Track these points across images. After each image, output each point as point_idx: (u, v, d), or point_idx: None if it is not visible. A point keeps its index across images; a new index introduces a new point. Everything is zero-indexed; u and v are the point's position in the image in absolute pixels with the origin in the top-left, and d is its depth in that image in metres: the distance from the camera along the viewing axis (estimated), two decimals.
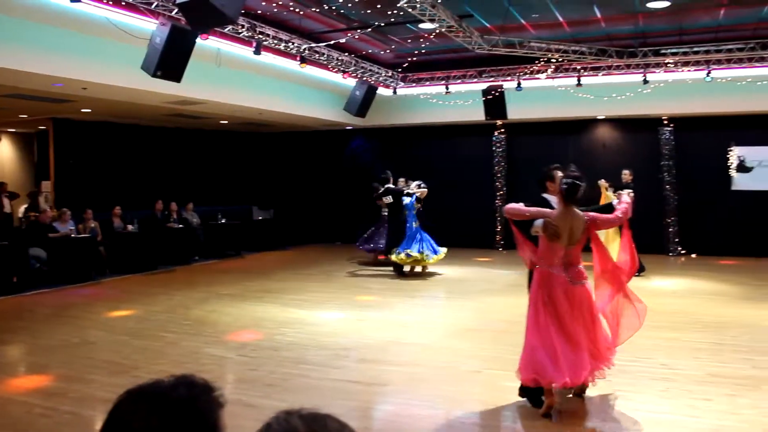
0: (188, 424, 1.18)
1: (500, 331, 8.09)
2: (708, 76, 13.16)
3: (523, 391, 5.34)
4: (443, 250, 12.88)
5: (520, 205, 5.27)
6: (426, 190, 13.18)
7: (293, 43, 11.63)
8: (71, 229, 12.50)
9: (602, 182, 12.12)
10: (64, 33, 9.53)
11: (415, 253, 12.52)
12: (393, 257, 12.74)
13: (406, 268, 13.03)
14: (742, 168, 15.09)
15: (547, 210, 5.19)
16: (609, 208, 5.61)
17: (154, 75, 8.62)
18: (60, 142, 15.29)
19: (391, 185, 13.64)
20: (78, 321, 8.94)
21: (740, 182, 15.08)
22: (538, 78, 14.65)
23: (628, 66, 13.59)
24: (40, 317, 9.33)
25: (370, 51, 13.75)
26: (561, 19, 11.54)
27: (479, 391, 5.80)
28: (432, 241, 12.91)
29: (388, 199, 13.44)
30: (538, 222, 5.12)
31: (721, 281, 11.67)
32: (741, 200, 14.96)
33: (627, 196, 5.55)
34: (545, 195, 5.67)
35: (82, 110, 13.89)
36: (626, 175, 12.30)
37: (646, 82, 13.64)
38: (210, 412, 1.22)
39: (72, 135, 15.42)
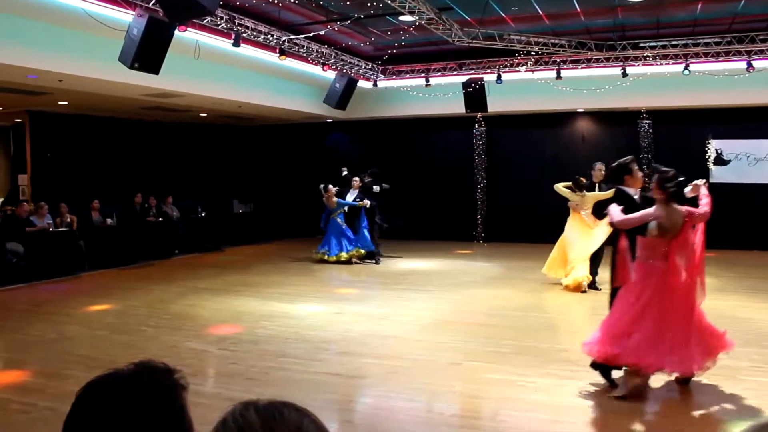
0: (155, 410, 1.17)
1: (480, 324, 8.12)
2: (686, 69, 13.26)
3: (597, 366, 5.54)
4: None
5: (620, 213, 5.33)
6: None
7: (272, 36, 11.56)
8: (49, 223, 12.36)
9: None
10: (40, 24, 9.40)
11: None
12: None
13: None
14: (720, 161, 15.25)
15: (652, 210, 5.23)
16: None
17: (131, 67, 8.55)
18: (36, 135, 15.10)
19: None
20: (56, 316, 8.85)
21: (718, 175, 15.22)
22: (518, 71, 14.68)
23: (607, 59, 13.67)
24: (17, 312, 9.22)
25: (349, 43, 13.71)
26: (540, 12, 11.57)
27: (459, 384, 5.82)
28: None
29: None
30: (653, 224, 5.20)
31: None
32: (718, 193, 14.89)
33: (704, 187, 5.53)
34: (623, 188, 5.73)
35: (59, 103, 13.73)
36: (600, 171, 10.76)
37: (625, 75, 13.73)
38: (175, 396, 1.20)
39: (49, 128, 15.24)
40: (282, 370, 6.25)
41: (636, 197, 5.62)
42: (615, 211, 5.39)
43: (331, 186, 13.91)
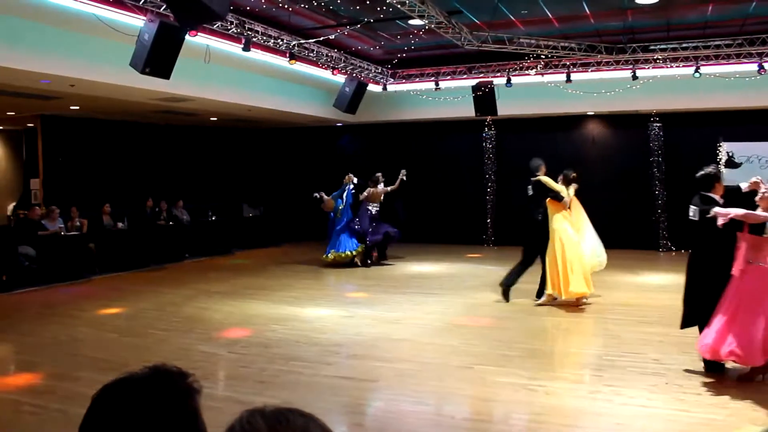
0: (169, 413, 1.18)
1: (490, 327, 8.11)
2: (696, 72, 13.20)
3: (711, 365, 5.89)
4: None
5: (739, 209, 5.68)
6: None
7: (282, 40, 11.59)
8: (60, 227, 12.44)
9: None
10: (52, 29, 9.46)
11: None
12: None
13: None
14: (731, 164, 15.15)
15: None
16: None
17: (142, 72, 8.58)
18: (48, 140, 15.19)
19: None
20: (67, 319, 8.90)
21: (729, 178, 15.06)
22: (528, 74, 14.66)
23: (617, 62, 13.63)
24: (29, 315, 9.28)
25: (359, 47, 13.73)
26: (550, 15, 11.55)
27: (469, 387, 5.81)
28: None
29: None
30: None
31: None
32: (730, 196, 14.99)
33: (762, 183, 5.82)
34: (710, 194, 6.12)
35: (71, 107, 13.80)
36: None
37: (635, 78, 13.67)
38: (189, 399, 1.22)
39: (61, 132, 15.33)
40: (292, 374, 6.26)
41: (721, 203, 6.01)
42: (731, 209, 5.70)
43: (322, 193, 14.22)
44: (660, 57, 13.36)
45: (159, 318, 8.92)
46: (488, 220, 17.27)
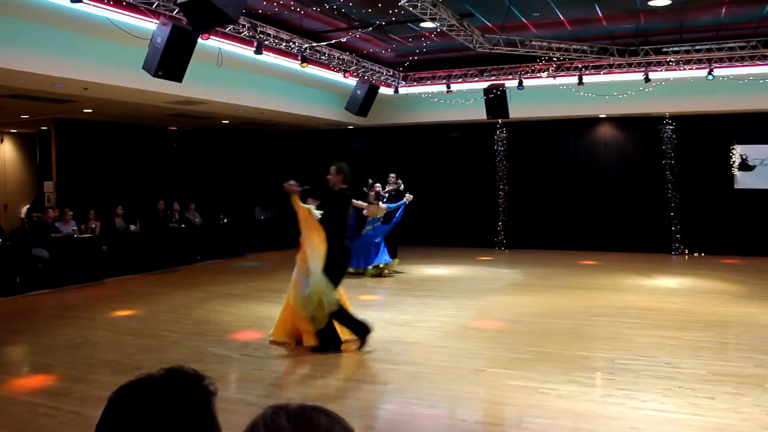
0: (185, 415, 1.18)
1: (502, 330, 8.10)
2: (710, 74, 13.13)
3: None
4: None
5: None
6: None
7: (294, 43, 11.63)
8: (74, 229, 12.51)
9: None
10: (65, 33, 9.55)
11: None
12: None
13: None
14: (745, 166, 15.08)
15: None
16: None
17: (155, 75, 8.62)
18: (62, 143, 15.32)
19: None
20: (81, 321, 8.95)
21: (743, 181, 15.07)
22: (540, 77, 14.63)
23: (630, 64, 13.58)
24: (42, 317, 9.34)
25: (371, 50, 13.75)
26: (562, 17, 11.53)
27: (481, 390, 5.80)
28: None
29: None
30: None
31: (724, 280, 11.66)
32: (743, 199, 14.94)
33: None
34: None
35: (84, 110, 13.91)
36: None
37: (647, 80, 13.61)
38: (204, 401, 1.22)
39: (74, 135, 15.45)
40: (304, 376, 6.26)
41: None
42: None
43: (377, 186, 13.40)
44: (673, 59, 13.30)
45: (171, 320, 8.95)
46: (500, 223, 17.25)
